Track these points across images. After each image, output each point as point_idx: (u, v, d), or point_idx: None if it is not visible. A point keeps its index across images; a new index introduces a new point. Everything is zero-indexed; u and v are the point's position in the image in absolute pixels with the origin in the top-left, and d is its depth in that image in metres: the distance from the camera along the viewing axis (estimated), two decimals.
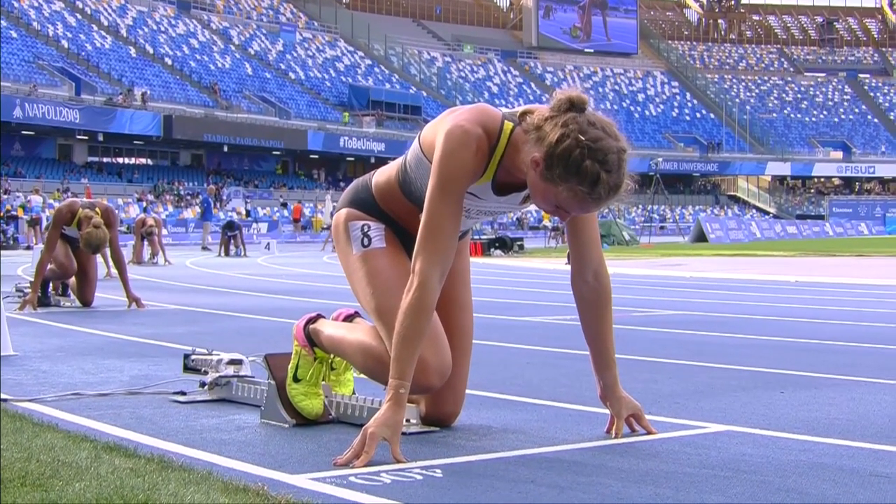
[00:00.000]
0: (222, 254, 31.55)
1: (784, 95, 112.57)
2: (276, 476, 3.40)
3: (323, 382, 4.44)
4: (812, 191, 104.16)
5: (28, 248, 34.62)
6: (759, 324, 9.58)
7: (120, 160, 64.61)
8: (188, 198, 59.27)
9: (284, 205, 62.32)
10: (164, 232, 33.61)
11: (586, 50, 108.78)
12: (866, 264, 23.15)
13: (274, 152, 70.93)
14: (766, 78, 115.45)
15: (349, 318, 4.47)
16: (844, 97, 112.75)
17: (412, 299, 3.75)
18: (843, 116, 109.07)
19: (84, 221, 11.13)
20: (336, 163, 76.29)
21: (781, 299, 13.15)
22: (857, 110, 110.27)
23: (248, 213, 57.80)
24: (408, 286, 3.79)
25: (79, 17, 69.59)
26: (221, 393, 5.00)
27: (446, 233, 3.81)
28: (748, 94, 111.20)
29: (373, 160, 69.44)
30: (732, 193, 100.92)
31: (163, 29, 75.54)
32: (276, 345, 6.18)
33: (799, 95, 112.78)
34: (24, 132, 56.87)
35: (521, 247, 33.26)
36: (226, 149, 66.36)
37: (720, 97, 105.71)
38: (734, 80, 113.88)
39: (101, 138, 59.45)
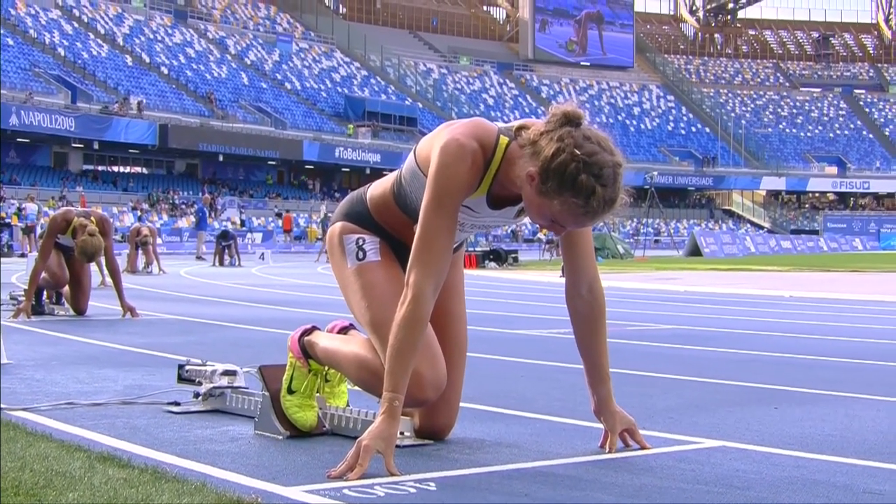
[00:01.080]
0: (217, 263, 31.55)
1: (779, 110, 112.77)
2: (270, 488, 3.39)
3: (317, 394, 4.44)
4: (806, 206, 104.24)
5: (22, 255, 34.58)
6: (753, 339, 9.58)
7: (115, 169, 64.61)
8: (183, 207, 59.27)
9: (279, 215, 62.32)
10: (159, 241, 33.57)
11: (582, 63, 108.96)
12: (860, 280, 23.18)
13: (269, 162, 70.94)
14: (761, 93, 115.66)
15: (344, 331, 4.47)
16: (840, 112, 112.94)
17: (406, 312, 3.76)
18: (838, 132, 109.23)
19: (79, 230, 11.12)
20: (331, 173, 76.29)
21: (776, 314, 13.16)
22: (852, 126, 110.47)
23: (242, 223, 57.81)
24: (402, 299, 3.80)
25: (75, 25, 69.63)
26: (215, 404, 4.99)
27: (441, 246, 3.81)
28: (743, 108, 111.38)
29: (368, 171, 69.51)
30: (727, 208, 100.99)
31: (159, 38, 75.60)
32: (270, 356, 6.18)
33: (794, 110, 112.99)
34: (19, 140, 56.86)
35: (516, 259, 33.27)
36: (221, 158, 66.36)
37: (716, 111, 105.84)
38: (730, 95, 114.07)
39: (96, 146, 59.50)
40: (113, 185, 61.18)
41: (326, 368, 4.44)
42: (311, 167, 73.26)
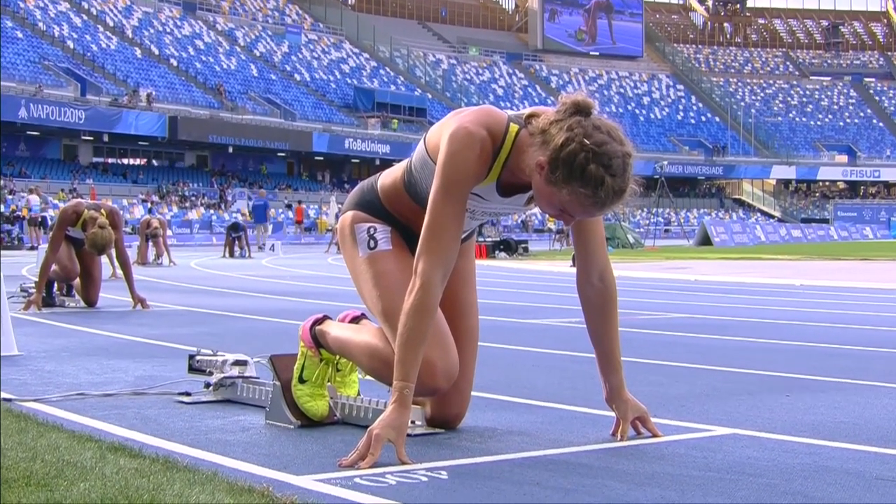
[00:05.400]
0: (227, 255, 31.58)
1: (789, 99, 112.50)
2: (281, 477, 3.40)
3: (328, 384, 4.44)
4: (817, 194, 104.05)
5: (32, 248, 34.64)
6: (764, 327, 9.57)
7: (125, 161, 64.58)
8: (193, 199, 59.33)
9: (289, 206, 62.34)
10: (169, 233, 33.61)
11: (591, 53, 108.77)
12: (871, 268, 23.13)
13: (279, 154, 70.94)
14: (771, 81, 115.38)
15: (356, 320, 4.47)
16: (850, 101, 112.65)
17: (414, 300, 3.76)
18: (848, 120, 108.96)
19: (89, 222, 11.13)
20: (341, 164, 76.28)
21: (786, 303, 13.14)
22: (862, 114, 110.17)
23: (251, 215, 57.80)
24: (410, 287, 3.79)
25: (84, 17, 69.60)
26: (226, 394, 5.00)
27: (449, 234, 3.81)
28: (753, 97, 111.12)
29: (378, 162, 69.39)
30: (737, 197, 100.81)
31: (168, 30, 75.57)
32: (281, 346, 6.18)
33: (804, 99, 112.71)
34: (29, 133, 56.89)
35: (526, 249, 33.24)
36: (231, 150, 66.36)
37: (725, 100, 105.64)
38: (739, 84, 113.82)
39: (106, 139, 59.48)
40: (123, 178, 61.17)
41: (338, 358, 4.44)
42: (321, 158, 73.24)
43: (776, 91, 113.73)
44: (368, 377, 4.36)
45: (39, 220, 39.89)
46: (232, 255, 31.59)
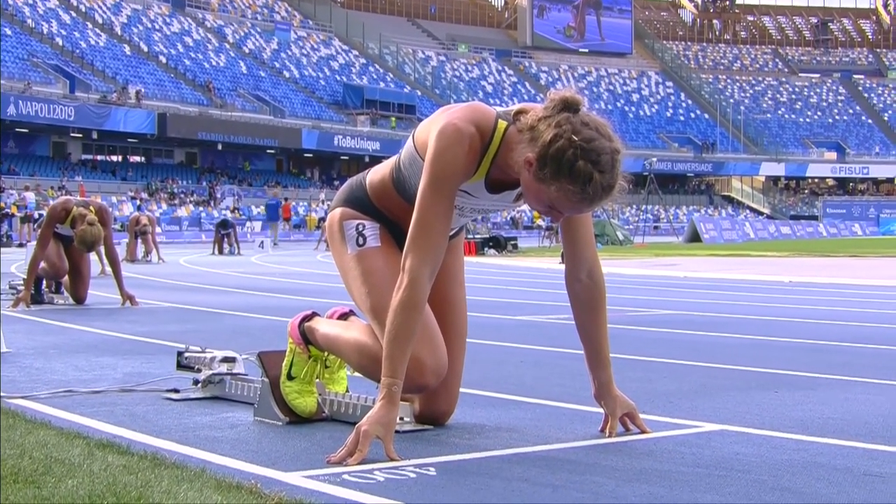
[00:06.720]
0: (216, 252, 31.56)
1: (778, 96, 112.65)
2: (270, 474, 3.39)
3: (317, 380, 4.43)
4: (806, 191, 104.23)
5: (21, 245, 34.56)
6: (753, 324, 9.58)
7: (114, 158, 64.56)
8: (182, 196, 59.29)
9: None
10: (158, 230, 33.58)
11: (581, 50, 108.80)
12: (860, 265, 23.16)
13: (268, 151, 70.88)
14: (760, 78, 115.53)
15: (344, 317, 4.46)
16: (839, 98, 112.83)
17: (402, 297, 3.75)
18: (837, 117, 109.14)
19: (78, 219, 11.10)
20: (330, 161, 76.26)
21: (775, 299, 13.15)
22: (851, 111, 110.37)
23: (238, 211, 57.79)
24: (398, 284, 3.79)
25: (73, 14, 69.48)
26: (215, 391, 4.99)
27: (437, 230, 3.80)
28: (742, 94, 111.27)
29: (367, 159, 69.38)
30: (726, 194, 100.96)
31: (157, 27, 75.46)
32: (269, 343, 6.18)
33: (793, 96, 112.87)
34: (18, 130, 56.73)
35: (515, 246, 33.27)
36: (220, 147, 66.28)
37: (714, 97, 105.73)
38: (729, 81, 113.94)
39: (95, 136, 59.41)
40: (112, 175, 61.12)
41: (326, 354, 4.43)
42: (310, 155, 73.20)
43: (765, 88, 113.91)
44: (357, 374, 4.35)
45: (36, 217, 39.77)
46: (221, 252, 31.58)
